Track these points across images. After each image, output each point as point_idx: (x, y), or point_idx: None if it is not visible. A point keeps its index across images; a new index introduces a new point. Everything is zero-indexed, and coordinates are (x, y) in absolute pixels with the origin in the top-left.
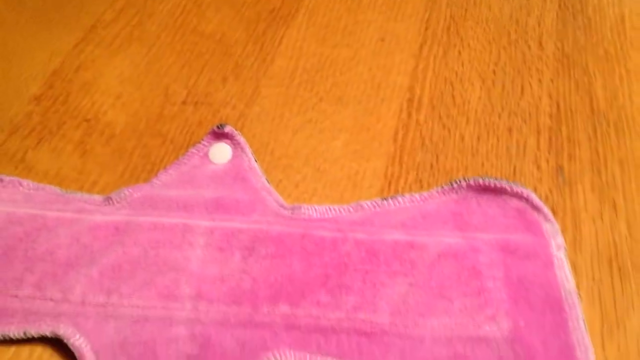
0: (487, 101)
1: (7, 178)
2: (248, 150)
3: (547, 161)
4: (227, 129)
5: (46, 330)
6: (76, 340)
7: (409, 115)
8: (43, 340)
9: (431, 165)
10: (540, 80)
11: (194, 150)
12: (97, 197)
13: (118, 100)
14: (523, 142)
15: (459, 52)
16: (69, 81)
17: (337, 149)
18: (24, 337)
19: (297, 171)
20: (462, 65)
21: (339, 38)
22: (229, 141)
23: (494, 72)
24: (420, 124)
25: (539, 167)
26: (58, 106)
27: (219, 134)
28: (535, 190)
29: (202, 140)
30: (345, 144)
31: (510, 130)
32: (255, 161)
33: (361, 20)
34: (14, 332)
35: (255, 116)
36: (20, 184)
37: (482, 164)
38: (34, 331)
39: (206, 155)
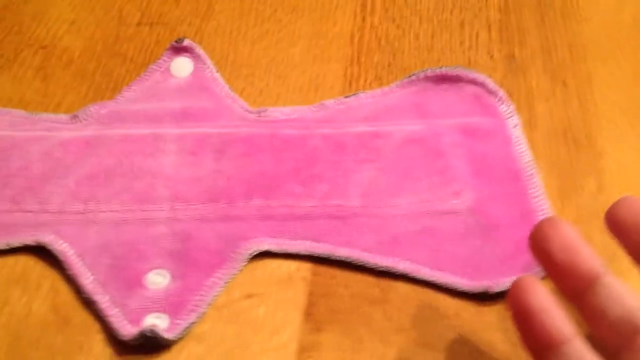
0: (438, 0)
1: None
2: (209, 62)
3: (500, 51)
4: (186, 42)
5: (28, 240)
6: (59, 246)
7: (363, 19)
8: (25, 250)
9: (389, 64)
10: None
11: (154, 67)
12: (64, 116)
13: (73, 25)
14: (475, 35)
15: None
16: (20, 12)
17: (296, 56)
18: (6, 248)
19: (260, 79)
20: None
21: None
22: (189, 54)
23: None
24: (375, 26)
25: (492, 57)
26: (12, 36)
27: (178, 49)
28: (490, 77)
29: (162, 56)
30: (304, 50)
31: (462, 25)
32: (217, 72)
33: None
34: None
35: (212, 31)
36: None
37: (438, 60)
38: (16, 242)
39: (167, 70)
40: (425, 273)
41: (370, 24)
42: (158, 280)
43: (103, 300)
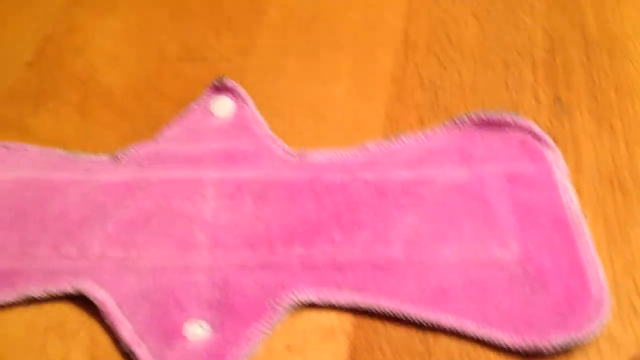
0: (482, 39)
1: (12, 144)
2: (250, 101)
3: (545, 92)
4: (228, 82)
5: (67, 287)
6: (98, 294)
7: (406, 56)
8: (64, 297)
9: (431, 104)
10: (533, 16)
11: (195, 105)
12: (103, 157)
13: (114, 61)
14: (520, 75)
15: None
16: (62, 45)
17: (338, 95)
18: (45, 295)
19: (301, 119)
20: (453, 3)
21: None
22: (230, 94)
23: (487, 10)
24: (417, 64)
25: (537, 99)
26: (53, 70)
27: (219, 88)
28: (535, 121)
29: (203, 94)
30: (345, 89)
31: (506, 65)
32: (257, 111)
33: None
34: (35, 291)
35: (253, 68)
36: (26, 149)
37: (482, 101)
38: (55, 289)
39: (208, 109)
40: (472, 327)
41: (412, 62)
42: (198, 332)
43: (142, 352)
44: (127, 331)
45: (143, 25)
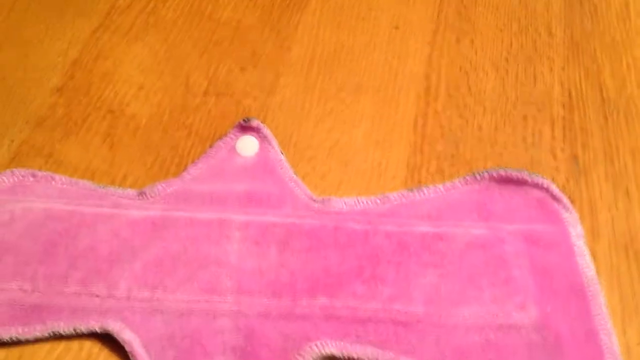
0: (502, 90)
1: (40, 173)
2: (274, 142)
3: (563, 150)
4: (254, 122)
5: (95, 326)
6: (126, 335)
7: (427, 104)
8: (91, 335)
9: (452, 155)
10: (551, 68)
11: (221, 144)
12: (131, 192)
13: (140, 90)
14: (538, 131)
15: (472, 40)
16: (90, 71)
17: (359, 140)
18: (73, 333)
19: (322, 163)
20: (476, 53)
21: (354, 24)
22: (255, 133)
23: (507, 60)
24: (438, 112)
25: (555, 157)
26: (81, 97)
27: (245, 127)
28: (552, 179)
29: (229, 133)
30: (367, 134)
31: (525, 119)
32: (282, 153)
33: (374, 7)
34: (64, 328)
35: (276, 106)
36: (53, 179)
37: (500, 155)
38: (83, 327)
39: (233, 148)
40: None
41: (433, 110)
42: None
43: None
44: None
45: (170, 55)
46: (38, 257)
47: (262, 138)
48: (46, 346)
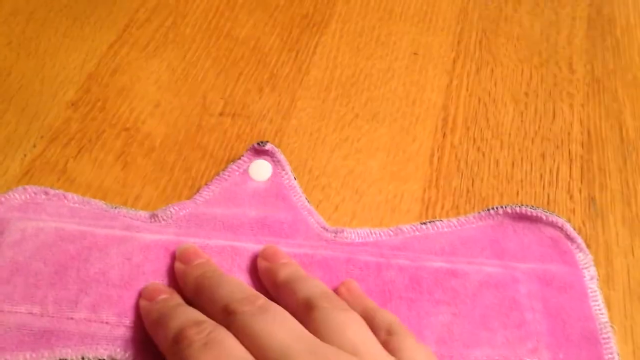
0: (520, 124)
1: (52, 191)
2: (288, 168)
3: (580, 191)
4: (268, 146)
5: (104, 354)
6: None
7: (444, 135)
8: None
9: (467, 191)
10: (571, 105)
11: (234, 167)
12: (143, 214)
13: (157, 108)
14: (556, 169)
15: (492, 70)
16: (106, 85)
17: (374, 170)
18: None
19: (336, 192)
20: (495, 84)
21: (373, 49)
22: (269, 158)
23: (526, 93)
24: (455, 146)
25: (571, 197)
26: (96, 113)
27: (259, 151)
28: (569, 220)
29: (243, 156)
30: (382, 165)
31: (543, 156)
32: (295, 179)
33: (394, 32)
34: (72, 355)
35: (292, 130)
36: (65, 197)
37: (517, 192)
38: (91, 355)
39: (246, 171)
40: None
41: (450, 143)
42: None
43: None
44: None
45: (188, 73)
46: (48, 280)
47: (276, 163)
48: None
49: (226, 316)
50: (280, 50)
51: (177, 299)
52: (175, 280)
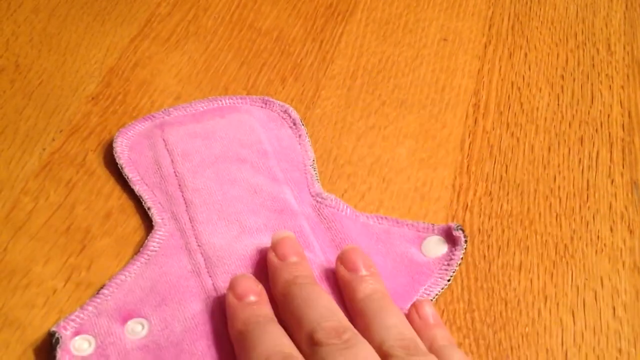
0: (556, 108)
1: None
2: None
3: (622, 175)
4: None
5: None
6: None
7: (475, 121)
8: None
9: (501, 177)
10: (610, 87)
11: None
12: None
13: (177, 100)
14: (595, 153)
15: (525, 55)
16: (126, 79)
17: (402, 158)
18: None
19: (362, 181)
20: (529, 68)
21: (400, 36)
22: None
23: (562, 77)
24: (487, 131)
25: (612, 182)
26: (116, 106)
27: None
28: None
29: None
30: (410, 152)
31: (581, 140)
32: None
33: (422, 18)
34: None
35: (317, 119)
36: None
37: (554, 177)
38: None
39: None
40: None
41: (482, 128)
42: None
43: None
44: None
45: (210, 65)
46: None
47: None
48: None
49: (311, 345)
50: (304, 40)
51: (266, 309)
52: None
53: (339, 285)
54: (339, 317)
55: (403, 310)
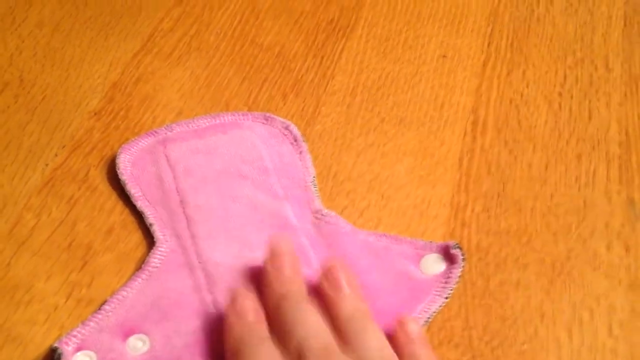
0: (554, 125)
1: None
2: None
3: (619, 193)
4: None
5: None
6: None
7: (474, 139)
8: None
9: (498, 195)
10: (608, 104)
11: None
12: None
13: (179, 116)
14: (592, 170)
15: (523, 72)
16: (129, 94)
17: (401, 175)
18: None
19: (362, 197)
20: (527, 86)
21: (400, 53)
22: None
23: (560, 94)
24: (485, 149)
25: (609, 200)
26: (119, 122)
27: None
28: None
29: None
30: (409, 169)
31: (579, 157)
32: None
33: (422, 35)
34: None
35: (316, 136)
36: None
37: (551, 195)
38: None
39: None
40: None
41: (480, 146)
42: None
43: None
44: None
45: (211, 80)
46: None
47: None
48: None
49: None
50: (305, 56)
51: (262, 328)
52: None
53: (324, 301)
54: (325, 337)
55: None
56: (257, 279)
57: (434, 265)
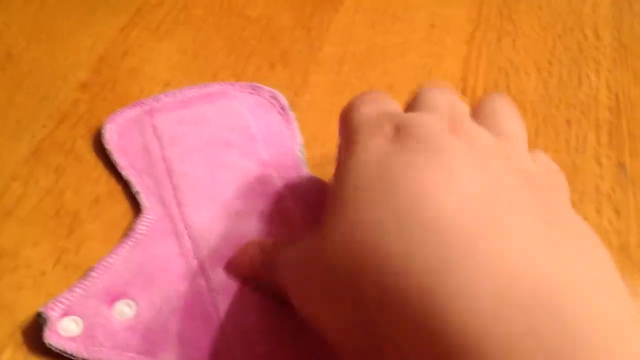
0: (544, 92)
1: None
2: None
3: (609, 157)
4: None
5: None
6: None
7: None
8: None
9: None
10: (597, 71)
11: None
12: None
13: (166, 87)
14: (583, 136)
15: (513, 41)
16: (116, 67)
17: None
18: None
19: None
20: (517, 53)
21: (389, 24)
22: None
23: (550, 62)
24: None
25: (600, 164)
26: (106, 93)
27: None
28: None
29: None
30: None
31: (569, 123)
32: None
33: (410, 6)
34: None
35: (306, 105)
36: None
37: None
38: None
39: None
40: None
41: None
42: None
43: None
44: None
45: (199, 53)
46: None
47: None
48: None
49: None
50: (292, 28)
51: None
52: None
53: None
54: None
55: None
56: (244, 244)
57: None
